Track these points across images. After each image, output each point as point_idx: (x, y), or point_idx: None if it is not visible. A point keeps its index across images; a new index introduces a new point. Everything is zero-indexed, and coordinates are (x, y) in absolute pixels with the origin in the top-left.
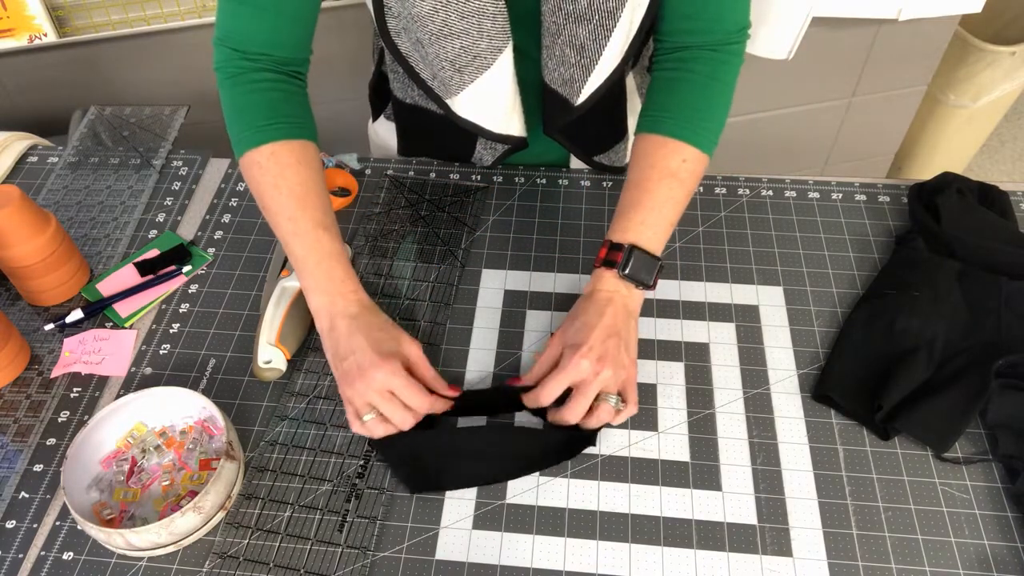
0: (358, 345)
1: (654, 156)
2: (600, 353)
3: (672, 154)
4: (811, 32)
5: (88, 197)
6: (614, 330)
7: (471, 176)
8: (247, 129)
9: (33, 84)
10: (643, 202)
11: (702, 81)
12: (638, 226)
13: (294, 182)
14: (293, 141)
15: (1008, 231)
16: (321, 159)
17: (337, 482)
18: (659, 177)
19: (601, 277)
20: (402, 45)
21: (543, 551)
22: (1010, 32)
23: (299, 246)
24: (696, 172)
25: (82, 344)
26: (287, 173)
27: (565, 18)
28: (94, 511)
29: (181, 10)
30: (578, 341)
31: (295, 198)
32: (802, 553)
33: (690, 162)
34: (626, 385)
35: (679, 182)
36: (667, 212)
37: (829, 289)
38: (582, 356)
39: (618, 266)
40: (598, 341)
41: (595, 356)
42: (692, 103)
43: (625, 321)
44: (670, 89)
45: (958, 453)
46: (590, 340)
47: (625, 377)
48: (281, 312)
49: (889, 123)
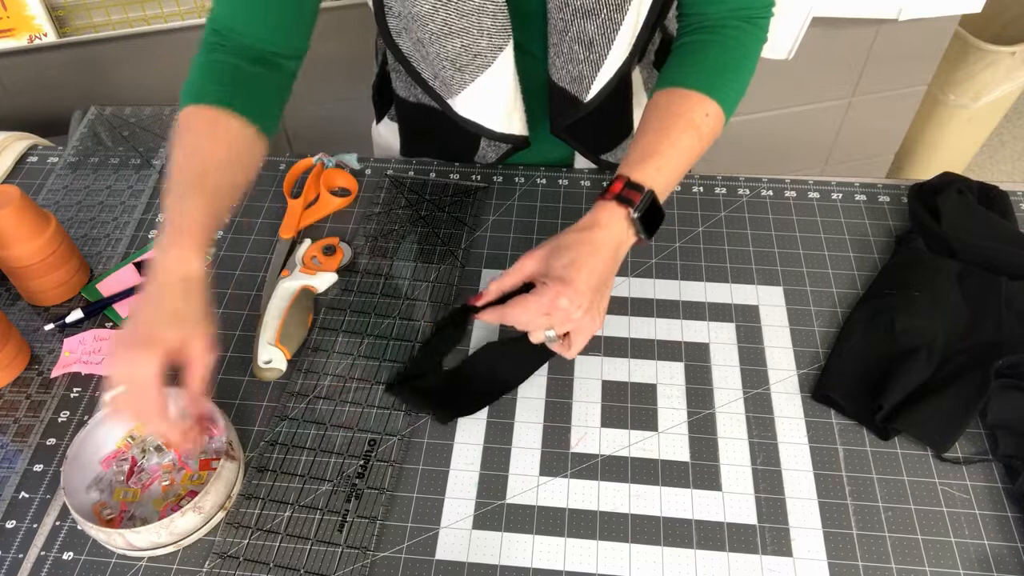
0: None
1: (679, 106)
2: (583, 303)
3: (697, 106)
4: (811, 32)
5: (88, 197)
6: (603, 279)
7: (471, 176)
8: (188, 87)
9: (33, 84)
10: (663, 150)
11: (731, 44)
12: (655, 172)
13: (176, 148)
14: (203, 107)
15: (1008, 231)
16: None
17: (337, 482)
18: (683, 127)
19: (609, 213)
20: (403, 45)
21: (543, 551)
22: (1010, 32)
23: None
24: (715, 130)
25: (82, 344)
26: (190, 131)
27: (572, 14)
28: (94, 511)
29: (181, 10)
30: (566, 278)
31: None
32: (802, 553)
33: (712, 118)
34: (583, 333)
35: (699, 136)
36: (681, 165)
37: (829, 289)
38: (566, 297)
39: (635, 207)
40: (586, 287)
41: (577, 303)
42: (720, 61)
43: (612, 270)
44: (696, 50)
45: (958, 453)
46: (578, 282)
47: (588, 332)
48: (281, 312)
49: (889, 123)
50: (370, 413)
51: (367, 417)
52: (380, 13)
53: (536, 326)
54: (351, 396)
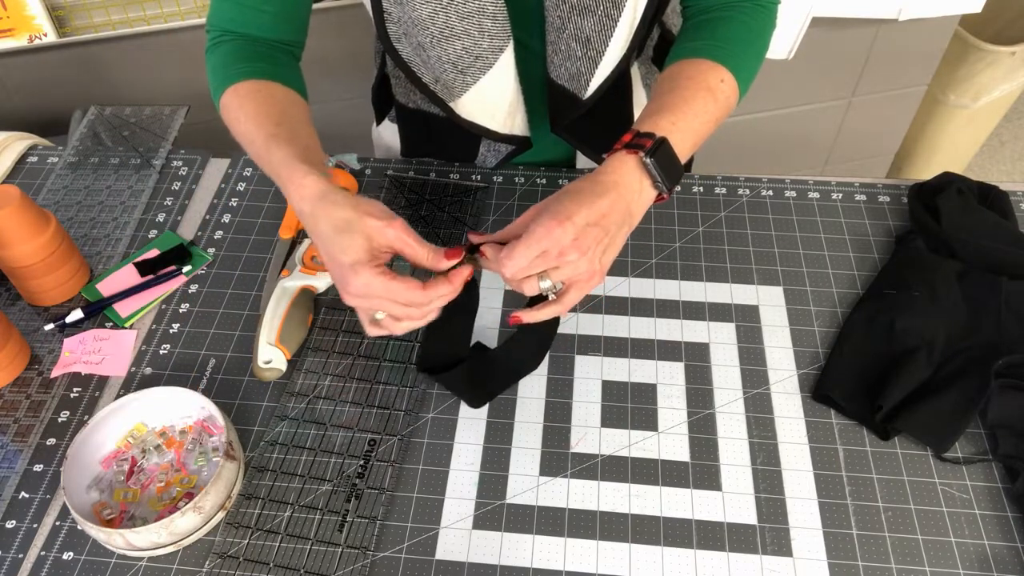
0: (324, 239)
1: (691, 71)
2: (578, 234)
3: (711, 71)
4: (811, 32)
5: (88, 197)
6: (604, 219)
7: (471, 176)
8: (217, 79)
9: (33, 84)
10: (678, 106)
11: (742, 20)
12: (670, 125)
13: (250, 109)
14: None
15: (1008, 231)
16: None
17: (337, 482)
18: (696, 88)
19: (618, 160)
20: (403, 50)
21: (543, 551)
22: (1010, 32)
23: (263, 163)
24: (730, 100)
25: (82, 344)
26: (245, 104)
27: (569, 11)
28: (94, 511)
29: (181, 10)
30: (559, 211)
31: (252, 123)
32: (802, 553)
33: (727, 84)
34: (578, 286)
35: (714, 99)
36: (697, 125)
37: (829, 289)
38: (559, 225)
39: (645, 151)
40: (582, 220)
41: (571, 234)
42: (733, 36)
43: (620, 219)
44: (704, 26)
45: (958, 453)
46: (576, 217)
47: (586, 279)
48: (281, 312)
49: (889, 123)
50: (370, 413)
51: (367, 417)
52: (379, 19)
53: (530, 269)
54: (351, 396)
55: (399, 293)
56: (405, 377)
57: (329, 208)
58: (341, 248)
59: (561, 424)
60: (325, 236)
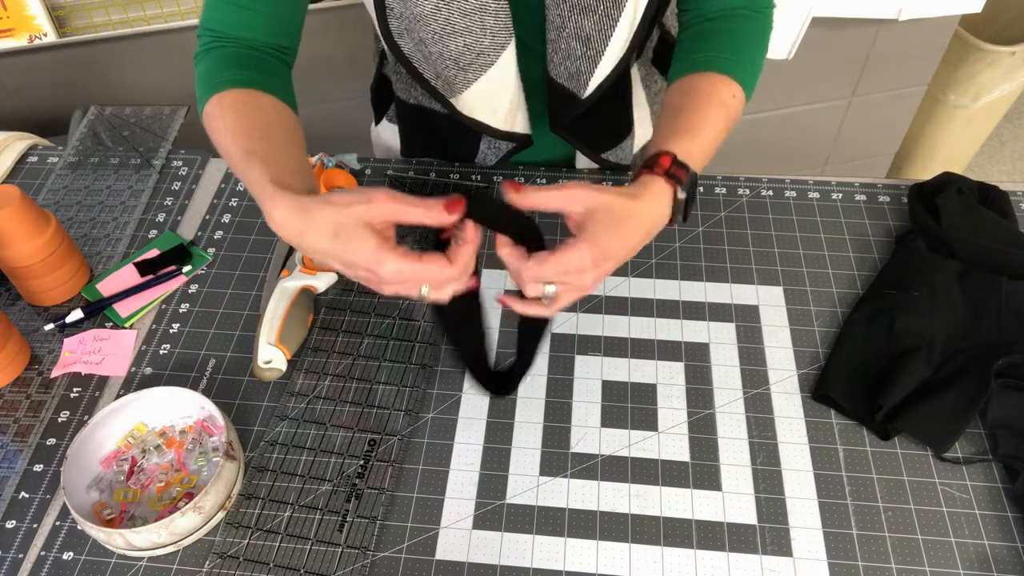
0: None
1: (709, 87)
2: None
3: (724, 87)
4: (811, 32)
5: (88, 197)
6: (627, 255)
7: (471, 176)
8: (203, 87)
9: (33, 84)
10: (702, 131)
11: (742, 29)
12: (698, 153)
13: (230, 121)
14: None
15: (1008, 231)
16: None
17: (337, 482)
18: (717, 107)
19: (660, 188)
20: (404, 46)
21: (543, 551)
22: (1010, 32)
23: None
24: (738, 114)
25: (82, 344)
26: (227, 115)
27: (569, 10)
28: (94, 511)
29: (181, 10)
30: (601, 245)
31: (231, 136)
32: (802, 553)
33: (738, 99)
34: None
35: (727, 116)
36: (712, 145)
37: (829, 289)
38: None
39: (682, 185)
40: (615, 260)
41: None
42: (740, 47)
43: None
44: (713, 38)
45: (958, 453)
46: (610, 255)
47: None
48: (281, 312)
49: (889, 123)
50: (370, 413)
51: (367, 417)
52: (381, 15)
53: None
54: (351, 396)
55: (431, 273)
56: (405, 377)
57: (307, 221)
58: (346, 250)
59: (561, 424)
60: (324, 249)
